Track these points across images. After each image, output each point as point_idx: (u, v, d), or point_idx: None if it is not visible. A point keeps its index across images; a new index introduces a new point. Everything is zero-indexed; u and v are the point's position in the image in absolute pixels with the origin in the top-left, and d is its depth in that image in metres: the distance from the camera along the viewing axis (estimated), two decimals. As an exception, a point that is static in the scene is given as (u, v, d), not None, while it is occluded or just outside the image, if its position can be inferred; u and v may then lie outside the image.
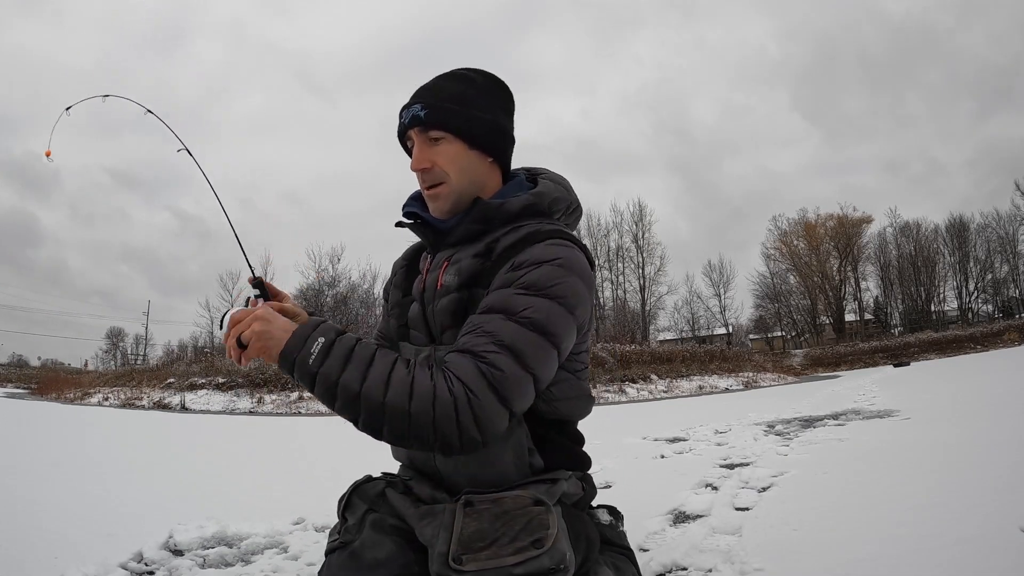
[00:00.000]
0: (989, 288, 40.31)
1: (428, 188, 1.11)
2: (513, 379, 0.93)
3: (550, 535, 0.90)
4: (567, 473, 1.09)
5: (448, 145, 1.09)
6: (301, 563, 2.02)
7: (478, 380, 0.91)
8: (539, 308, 0.96)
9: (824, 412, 6.42)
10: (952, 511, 1.93)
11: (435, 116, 1.08)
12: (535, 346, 0.95)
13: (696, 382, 21.12)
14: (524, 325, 0.95)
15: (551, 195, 1.14)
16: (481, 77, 1.14)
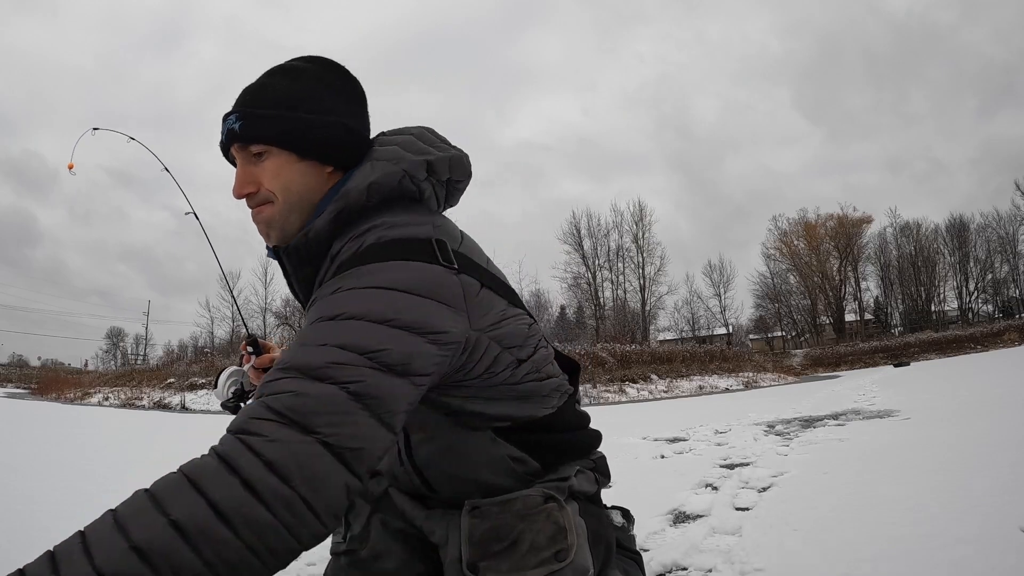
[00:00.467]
0: (989, 288, 40.32)
1: (254, 209, 0.90)
2: (317, 399, 0.68)
3: (572, 545, 0.85)
4: (574, 467, 0.99)
5: (272, 160, 0.88)
6: (301, 563, 2.02)
7: (254, 412, 0.68)
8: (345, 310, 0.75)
9: (824, 412, 6.42)
10: (952, 511, 1.93)
11: (252, 128, 0.87)
12: (333, 356, 0.71)
13: (696, 382, 21.13)
14: (315, 336, 0.74)
15: (361, 185, 0.87)
16: (313, 66, 0.93)
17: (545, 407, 0.98)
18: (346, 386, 0.68)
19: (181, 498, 0.61)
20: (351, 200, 0.87)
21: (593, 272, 39.03)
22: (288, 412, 0.66)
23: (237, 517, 0.60)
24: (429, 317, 0.77)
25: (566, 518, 0.87)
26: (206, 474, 0.62)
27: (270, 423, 0.65)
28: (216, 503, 0.60)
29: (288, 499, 0.62)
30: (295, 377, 0.69)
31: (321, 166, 0.91)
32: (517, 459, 0.95)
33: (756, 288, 42.93)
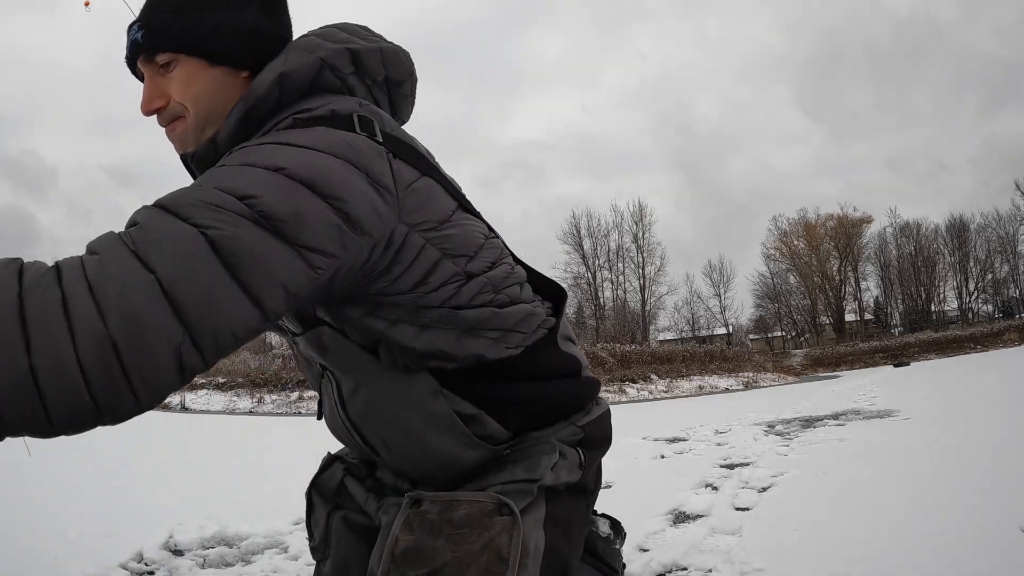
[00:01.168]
0: (989, 288, 40.34)
1: (166, 126, 0.81)
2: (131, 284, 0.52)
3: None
4: (552, 457, 0.78)
5: (180, 69, 0.79)
6: (301, 563, 2.02)
7: (71, 263, 0.56)
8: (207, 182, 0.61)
9: (824, 412, 6.42)
10: (952, 511, 1.93)
11: (155, 35, 0.79)
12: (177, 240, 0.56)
13: (696, 382, 21.14)
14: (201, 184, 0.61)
15: (268, 79, 0.76)
16: None
17: (507, 344, 0.78)
18: (205, 230, 0.55)
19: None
20: (259, 96, 0.76)
21: (593, 272, 39.06)
22: (136, 243, 0.54)
23: (38, 333, 0.48)
24: (344, 182, 0.62)
25: (513, 544, 0.70)
26: (33, 272, 0.51)
27: (116, 247, 0.54)
28: (24, 305, 0.49)
29: (100, 337, 0.48)
30: (156, 210, 0.58)
31: (236, 72, 0.80)
32: (470, 417, 0.77)
33: (756, 288, 43.00)
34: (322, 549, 0.93)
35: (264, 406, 15.55)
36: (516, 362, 0.80)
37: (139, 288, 0.50)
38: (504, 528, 0.70)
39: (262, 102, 0.76)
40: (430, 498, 0.74)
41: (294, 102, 0.75)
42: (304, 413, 14.37)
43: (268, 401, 15.93)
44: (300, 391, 16.40)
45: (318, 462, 1.17)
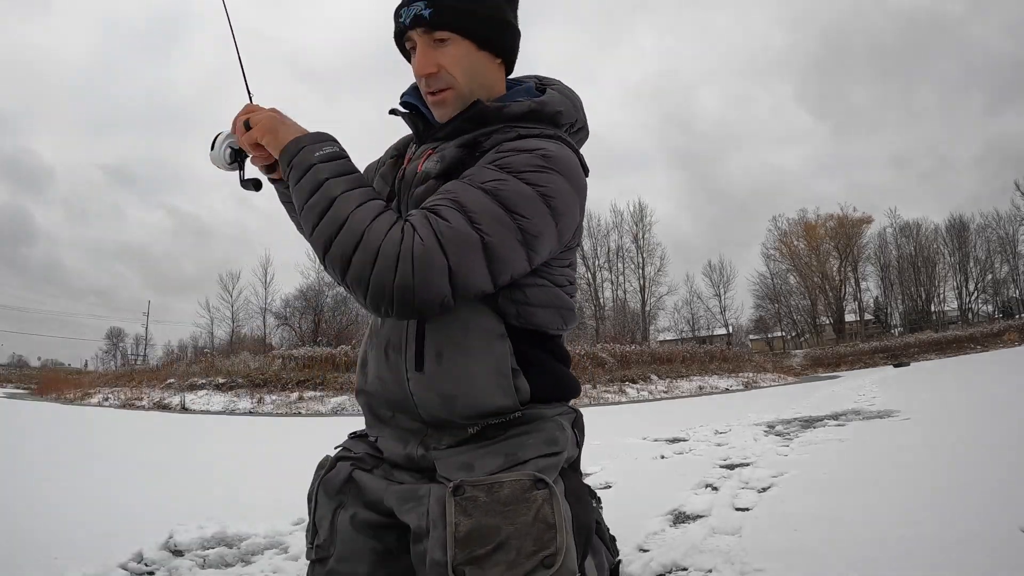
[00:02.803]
0: (989, 288, 40.33)
1: (433, 94, 1.02)
2: (459, 234, 0.86)
3: (560, 547, 0.82)
4: (565, 432, 1.00)
5: (454, 47, 0.99)
6: (301, 563, 2.02)
7: (425, 227, 0.86)
8: (507, 183, 0.89)
9: (824, 412, 6.42)
10: (952, 511, 1.93)
11: (440, 16, 0.97)
12: (491, 215, 0.88)
13: (696, 382, 21.12)
14: (486, 192, 0.89)
15: (555, 106, 1.04)
16: None
17: (560, 326, 1.05)
18: (484, 235, 0.88)
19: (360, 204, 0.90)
20: (545, 110, 1.03)
21: (593, 272, 39.02)
22: (462, 211, 0.88)
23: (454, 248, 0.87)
24: (571, 211, 0.95)
25: (556, 512, 0.85)
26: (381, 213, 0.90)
27: (449, 211, 0.88)
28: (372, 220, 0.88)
29: (438, 264, 0.85)
30: (457, 212, 0.88)
31: (492, 57, 1.03)
32: (514, 371, 0.97)
33: (756, 288, 42.97)
34: (327, 547, 0.99)
35: (264, 406, 15.55)
36: (556, 343, 1.05)
37: (467, 235, 0.87)
38: (545, 500, 0.84)
39: (543, 113, 1.02)
40: (471, 483, 0.86)
41: (543, 118, 1.03)
42: (304, 414, 14.37)
43: (268, 401, 15.93)
44: (300, 391, 16.41)
45: (317, 462, 1.17)
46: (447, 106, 1.02)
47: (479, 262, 0.88)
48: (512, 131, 0.98)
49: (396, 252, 0.84)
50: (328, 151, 0.93)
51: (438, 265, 0.85)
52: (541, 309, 1.01)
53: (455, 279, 0.86)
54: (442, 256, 0.85)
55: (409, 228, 0.86)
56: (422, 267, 0.84)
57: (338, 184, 0.90)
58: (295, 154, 0.93)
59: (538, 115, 1.02)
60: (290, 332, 35.77)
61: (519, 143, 0.95)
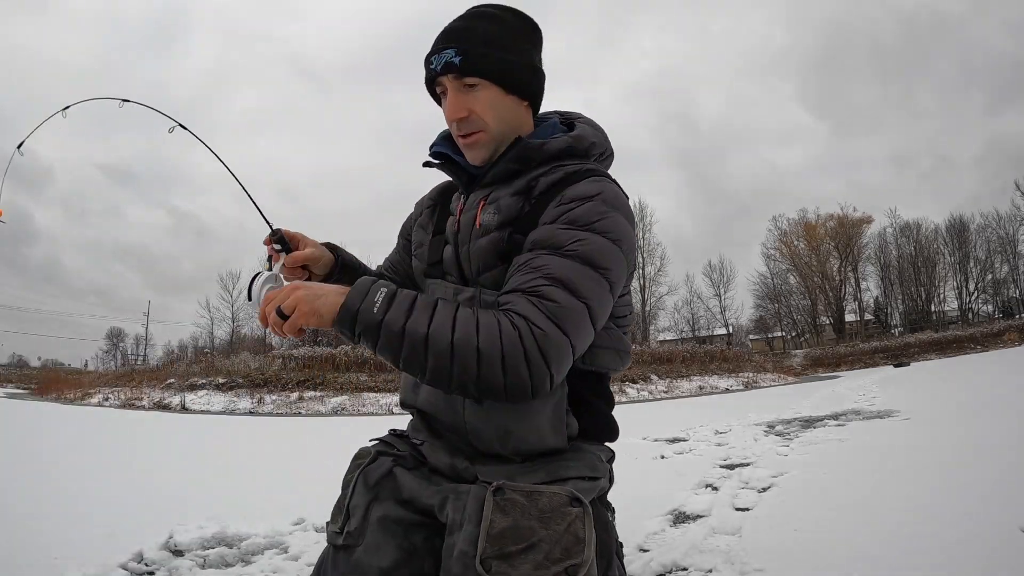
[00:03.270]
0: (989, 288, 40.31)
1: (464, 136, 1.06)
2: (569, 310, 0.89)
3: (585, 561, 0.85)
4: (605, 464, 1.05)
5: (484, 91, 1.03)
6: (301, 563, 2.02)
7: (537, 313, 0.87)
8: (586, 241, 0.93)
9: (824, 412, 6.42)
10: (952, 511, 1.93)
11: (471, 62, 1.01)
12: (586, 278, 0.91)
13: (696, 382, 21.12)
14: (572, 258, 0.92)
15: (589, 139, 1.09)
16: (510, 15, 1.07)
17: (611, 363, 1.08)
18: (587, 302, 0.90)
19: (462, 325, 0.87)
20: (581, 144, 1.08)
21: (593, 272, 38.96)
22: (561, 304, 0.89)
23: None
24: (632, 251, 0.99)
25: (587, 529, 0.88)
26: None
27: (550, 289, 0.90)
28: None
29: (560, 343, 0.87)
30: (560, 289, 0.90)
31: (520, 100, 1.07)
32: (566, 410, 1.00)
33: (756, 288, 42.96)
34: (356, 535, 1.02)
35: (264, 406, 15.55)
36: (605, 385, 1.10)
37: (576, 308, 0.91)
38: (578, 516, 0.88)
39: (578, 148, 1.07)
40: (511, 487, 0.90)
41: (579, 152, 1.08)
42: (304, 414, 14.38)
43: (268, 401, 15.92)
44: (300, 392, 16.42)
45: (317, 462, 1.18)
46: (479, 148, 1.06)
47: (589, 327, 0.92)
48: (559, 171, 1.02)
49: (520, 348, 0.85)
50: (381, 298, 0.88)
51: (563, 346, 0.88)
52: (604, 351, 1.05)
53: (576, 351, 0.91)
54: (562, 336, 0.88)
55: (520, 320, 0.87)
56: (551, 352, 0.87)
57: (417, 323, 0.87)
58: (354, 323, 0.88)
59: (574, 150, 1.07)
60: (290, 332, 35.68)
61: (577, 189, 0.98)
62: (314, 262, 1.15)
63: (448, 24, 1.06)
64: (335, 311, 0.89)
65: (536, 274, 0.91)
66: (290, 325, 0.91)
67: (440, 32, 1.05)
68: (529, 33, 1.08)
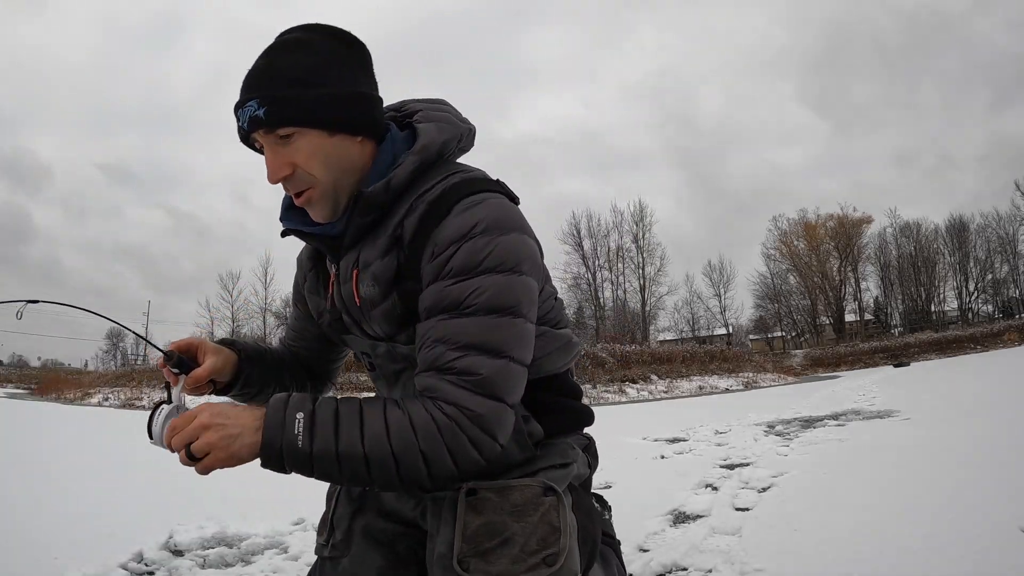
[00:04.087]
0: (989, 288, 40.35)
1: (296, 196, 0.92)
2: (494, 375, 0.83)
3: (563, 548, 0.84)
4: (576, 450, 1.01)
5: (304, 139, 0.88)
6: (301, 563, 2.02)
7: (464, 395, 0.82)
8: (481, 289, 0.84)
9: (824, 412, 6.42)
10: (952, 511, 1.93)
11: (277, 112, 0.86)
12: (497, 329, 0.84)
13: (696, 382, 21.13)
14: (474, 313, 0.84)
15: (436, 141, 0.94)
16: (319, 37, 0.91)
17: (558, 362, 1.02)
18: (510, 356, 0.85)
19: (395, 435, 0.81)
20: (430, 154, 0.94)
21: (593, 272, 39.07)
22: (481, 384, 0.83)
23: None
24: (536, 261, 0.91)
25: (562, 518, 0.87)
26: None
27: (463, 360, 0.83)
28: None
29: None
30: (475, 355, 0.83)
31: (351, 137, 0.92)
32: (523, 417, 0.95)
33: (756, 288, 43.00)
34: (342, 547, 1.03)
35: (264, 406, 15.51)
36: (563, 380, 1.04)
37: (500, 368, 0.84)
38: (552, 506, 0.86)
39: (430, 159, 0.93)
40: (485, 487, 0.88)
41: (443, 161, 0.96)
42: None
43: (268, 401, 15.89)
44: (300, 391, 16.37)
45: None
46: (315, 205, 0.93)
47: (519, 374, 0.86)
48: (420, 204, 0.90)
49: (463, 437, 0.81)
50: (301, 427, 0.80)
51: (502, 413, 0.84)
52: (547, 357, 0.99)
53: (516, 402, 0.86)
54: (498, 404, 0.83)
55: (450, 408, 0.81)
56: (493, 427, 0.82)
57: (351, 444, 0.80)
58: (281, 460, 0.81)
59: (426, 166, 0.93)
60: (290, 332, 35.70)
61: (447, 230, 0.86)
62: (218, 373, 1.01)
63: (252, 65, 0.90)
64: (256, 452, 0.81)
65: (445, 346, 0.84)
66: (203, 467, 0.84)
67: (246, 74, 0.90)
68: (346, 53, 0.92)
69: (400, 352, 0.95)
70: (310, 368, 1.18)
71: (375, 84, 0.96)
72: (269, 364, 1.10)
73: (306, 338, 1.16)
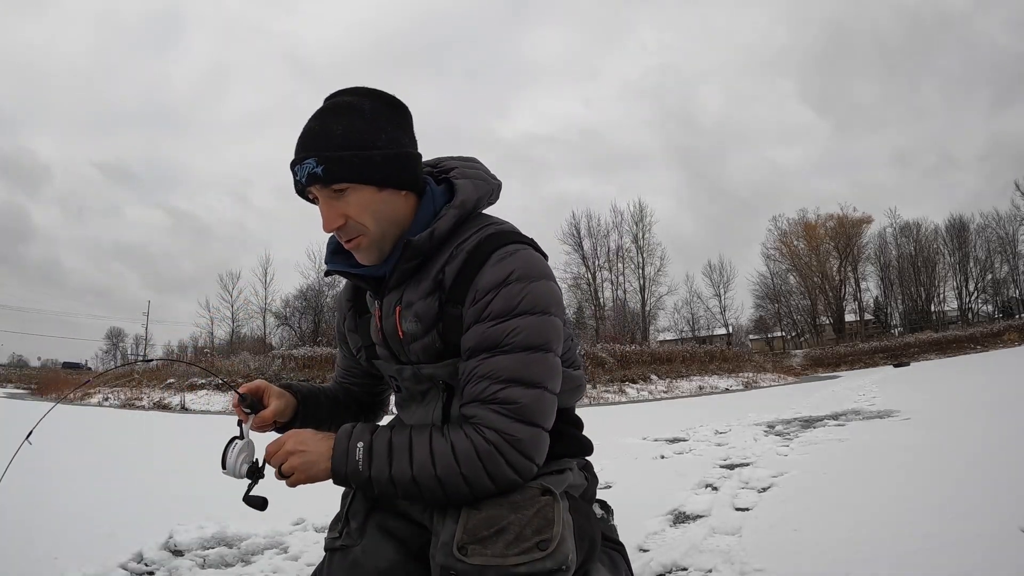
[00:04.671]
0: (989, 288, 40.34)
1: (347, 242, 1.05)
2: (531, 404, 0.95)
3: (555, 535, 0.91)
4: (571, 462, 1.11)
5: (356, 194, 1.01)
6: (301, 563, 2.02)
7: (505, 421, 0.94)
8: (518, 330, 0.96)
9: (824, 412, 6.42)
10: (952, 511, 1.93)
11: (334, 170, 0.99)
12: (533, 364, 0.96)
13: (696, 382, 21.12)
14: (512, 351, 0.96)
15: (472, 197, 1.08)
16: (368, 101, 1.03)
17: (569, 400, 1.13)
18: (544, 386, 0.97)
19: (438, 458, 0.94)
20: (467, 209, 1.06)
21: (593, 272, 39.04)
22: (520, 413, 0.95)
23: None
24: (560, 308, 1.01)
25: (556, 512, 0.94)
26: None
27: (504, 391, 0.95)
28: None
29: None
30: (515, 387, 0.95)
31: (397, 192, 1.04)
32: None
33: (756, 288, 42.98)
34: (356, 536, 1.10)
35: (264, 406, 15.49)
36: (568, 413, 1.15)
37: (536, 397, 0.97)
38: (548, 503, 0.95)
39: (468, 212, 1.06)
40: None
41: (478, 214, 1.09)
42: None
43: (268, 401, 15.87)
44: (300, 391, 16.35)
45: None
46: (364, 251, 1.06)
47: (552, 403, 0.99)
48: (460, 252, 1.02)
49: (501, 460, 0.93)
50: (361, 456, 0.97)
51: (539, 437, 0.96)
52: (561, 396, 1.07)
53: (549, 428, 0.99)
54: (535, 429, 0.95)
55: (491, 433, 0.94)
56: (531, 450, 0.95)
57: (401, 469, 0.95)
58: (347, 479, 0.98)
59: (463, 218, 1.06)
60: (290, 332, 35.79)
61: (487, 278, 0.98)
62: (280, 414, 1.16)
63: (306, 124, 1.02)
64: (328, 475, 0.99)
65: (488, 381, 0.96)
66: (291, 483, 1.03)
67: (299, 135, 1.02)
68: (391, 116, 1.04)
69: (424, 374, 1.06)
70: (360, 401, 1.32)
71: (415, 143, 1.09)
72: (323, 403, 1.23)
73: (354, 374, 1.31)
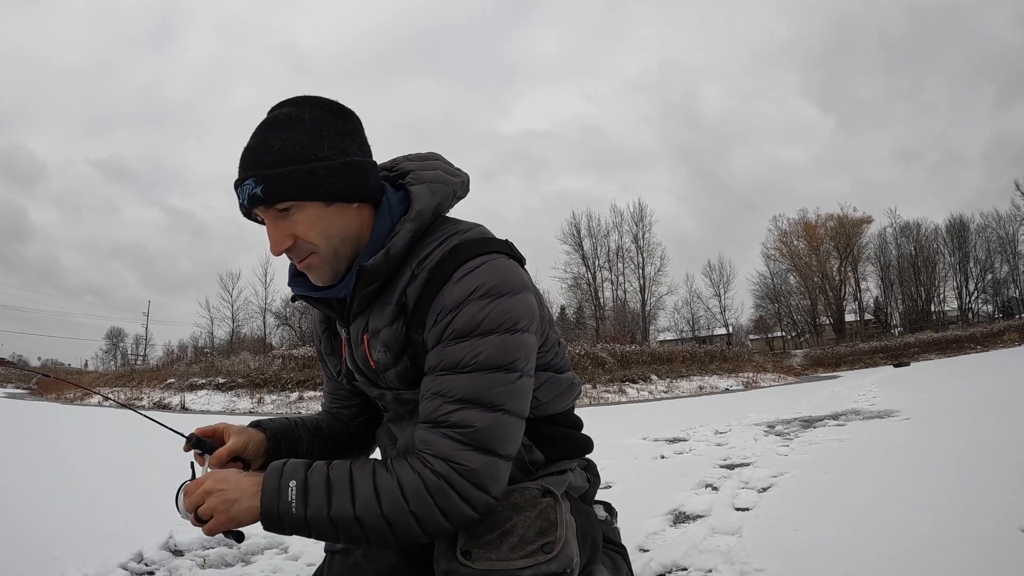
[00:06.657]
0: (989, 288, 40.36)
1: (299, 262, 0.98)
2: (488, 428, 0.87)
3: (559, 538, 0.89)
4: (572, 464, 1.09)
5: (302, 212, 0.93)
6: (301, 563, 2.02)
7: (455, 448, 0.85)
8: (480, 349, 0.88)
9: (824, 412, 6.42)
10: (952, 511, 1.93)
11: (274, 189, 0.91)
12: (494, 384, 0.88)
13: (696, 382, 21.12)
14: (472, 371, 0.88)
15: (430, 204, 0.99)
16: (308, 110, 0.95)
17: (561, 404, 1.10)
18: (504, 409, 0.89)
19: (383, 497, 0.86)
20: (425, 219, 0.98)
21: (593, 272, 39.07)
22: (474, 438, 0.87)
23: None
24: (532, 316, 0.94)
25: (558, 514, 0.92)
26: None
27: (459, 414, 0.87)
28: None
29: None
30: (471, 408, 0.88)
31: (348, 204, 0.96)
32: (525, 446, 1.02)
33: (756, 288, 43.01)
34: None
35: (264, 406, 15.56)
36: (566, 415, 1.13)
37: (494, 421, 0.89)
38: (550, 505, 0.92)
39: (426, 223, 0.98)
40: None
41: (439, 221, 1.00)
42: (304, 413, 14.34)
43: (268, 401, 15.94)
44: (300, 391, 16.42)
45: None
46: (316, 271, 0.98)
47: (514, 427, 0.90)
48: (421, 270, 0.95)
49: (453, 494, 0.85)
50: (295, 495, 0.85)
51: (494, 466, 0.87)
52: (550, 401, 1.06)
53: (509, 456, 0.90)
54: (489, 457, 0.87)
55: (440, 463, 0.85)
56: (484, 481, 0.86)
57: (342, 508, 0.85)
58: (280, 525, 0.87)
59: (421, 231, 0.98)
60: (290, 332, 35.81)
61: (449, 296, 0.90)
62: (242, 450, 1.05)
63: (247, 143, 0.95)
64: (255, 515, 0.87)
65: (442, 400, 0.88)
66: (208, 530, 0.91)
67: (241, 152, 0.95)
68: (334, 123, 0.96)
69: (405, 397, 1.02)
70: (349, 432, 1.24)
71: (367, 149, 1.00)
72: (300, 437, 1.15)
73: (341, 396, 1.23)
